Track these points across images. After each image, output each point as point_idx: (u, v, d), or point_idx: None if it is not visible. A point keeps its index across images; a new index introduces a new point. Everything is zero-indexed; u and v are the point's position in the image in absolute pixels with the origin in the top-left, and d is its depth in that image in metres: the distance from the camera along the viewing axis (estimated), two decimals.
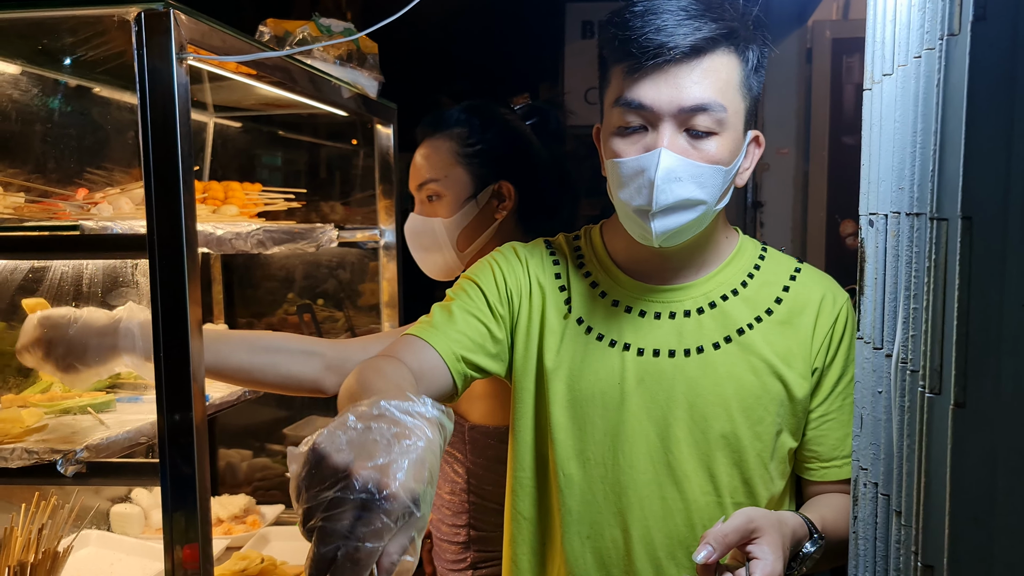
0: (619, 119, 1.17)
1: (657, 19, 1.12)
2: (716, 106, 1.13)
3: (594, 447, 1.25)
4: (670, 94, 1.13)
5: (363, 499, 0.73)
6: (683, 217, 1.16)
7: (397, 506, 0.73)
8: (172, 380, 1.20)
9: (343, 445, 0.76)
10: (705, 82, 1.13)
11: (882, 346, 0.98)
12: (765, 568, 1.01)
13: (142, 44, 1.16)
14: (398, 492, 0.73)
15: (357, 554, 0.72)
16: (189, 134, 1.19)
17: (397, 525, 0.74)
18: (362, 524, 0.73)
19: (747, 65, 1.17)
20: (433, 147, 1.69)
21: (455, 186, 1.66)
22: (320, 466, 0.75)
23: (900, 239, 0.91)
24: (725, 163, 1.16)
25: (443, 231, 1.66)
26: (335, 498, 0.73)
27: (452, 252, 1.68)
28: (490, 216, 1.68)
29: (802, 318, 1.26)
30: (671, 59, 1.12)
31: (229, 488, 2.60)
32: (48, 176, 1.74)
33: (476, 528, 1.69)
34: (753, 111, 1.21)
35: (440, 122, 1.70)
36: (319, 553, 0.73)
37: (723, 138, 1.15)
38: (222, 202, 1.90)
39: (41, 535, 1.40)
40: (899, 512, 0.90)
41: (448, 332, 1.24)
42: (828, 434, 1.27)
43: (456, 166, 1.66)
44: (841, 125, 3.63)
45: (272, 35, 1.85)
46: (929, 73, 0.82)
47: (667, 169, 1.12)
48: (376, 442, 0.76)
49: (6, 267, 1.53)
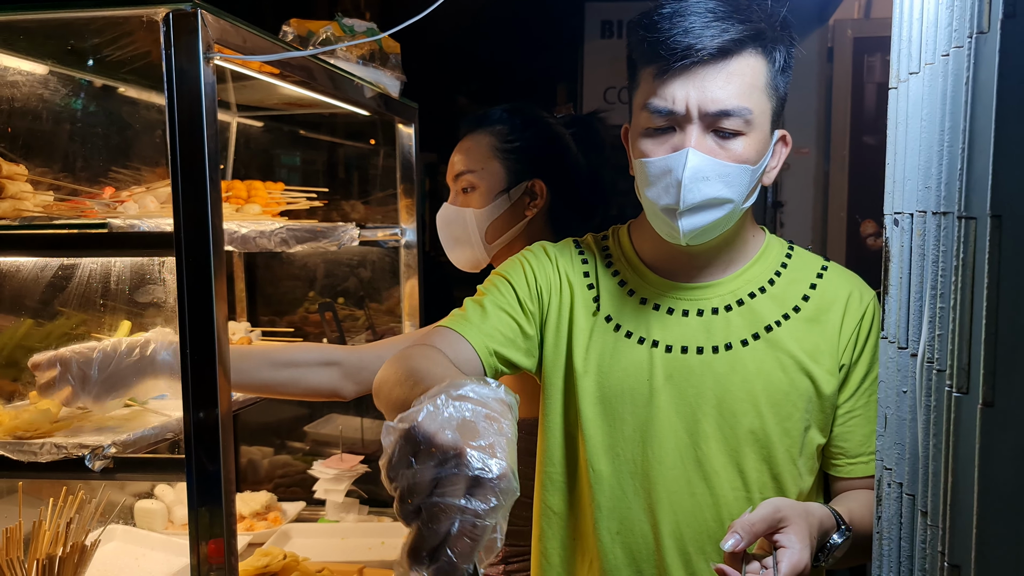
0: (648, 120, 1.18)
1: (685, 21, 1.13)
2: (742, 110, 1.14)
3: (623, 443, 1.26)
4: (697, 97, 1.14)
5: (478, 476, 0.73)
6: (710, 215, 1.17)
7: (506, 484, 0.75)
8: (198, 377, 1.21)
9: (446, 424, 0.76)
10: (732, 84, 1.14)
11: (907, 345, 0.98)
12: (792, 557, 1.02)
13: (170, 44, 1.17)
14: (507, 471, 0.75)
15: (475, 529, 0.73)
16: (216, 133, 1.20)
17: (504, 503, 0.75)
18: (479, 500, 0.74)
19: (774, 66, 1.18)
20: (473, 140, 1.74)
21: (490, 178, 1.70)
22: (428, 443, 0.75)
23: (926, 238, 0.91)
24: (752, 162, 1.17)
25: (473, 221, 1.70)
26: (448, 475, 0.74)
27: (480, 243, 1.72)
28: (521, 212, 1.71)
29: (829, 315, 1.26)
30: (698, 60, 1.13)
31: (251, 485, 2.62)
32: (76, 175, 1.76)
33: (510, 523, 1.70)
34: (779, 111, 1.22)
35: (483, 118, 1.75)
36: (432, 528, 0.74)
37: (750, 138, 1.16)
38: (245, 201, 1.91)
39: (69, 529, 1.42)
40: (925, 512, 0.90)
41: (481, 326, 1.25)
42: (855, 430, 1.27)
43: (493, 159, 1.71)
44: (862, 124, 3.61)
45: (295, 35, 1.87)
46: (958, 71, 0.82)
47: (694, 168, 1.13)
48: (475, 423, 0.77)
49: (36, 264, 1.55)
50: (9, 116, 1.61)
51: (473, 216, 1.70)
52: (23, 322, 1.64)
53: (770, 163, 1.23)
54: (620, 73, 4.13)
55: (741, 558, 1.03)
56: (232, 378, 1.30)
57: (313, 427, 2.82)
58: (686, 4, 1.14)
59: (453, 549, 0.74)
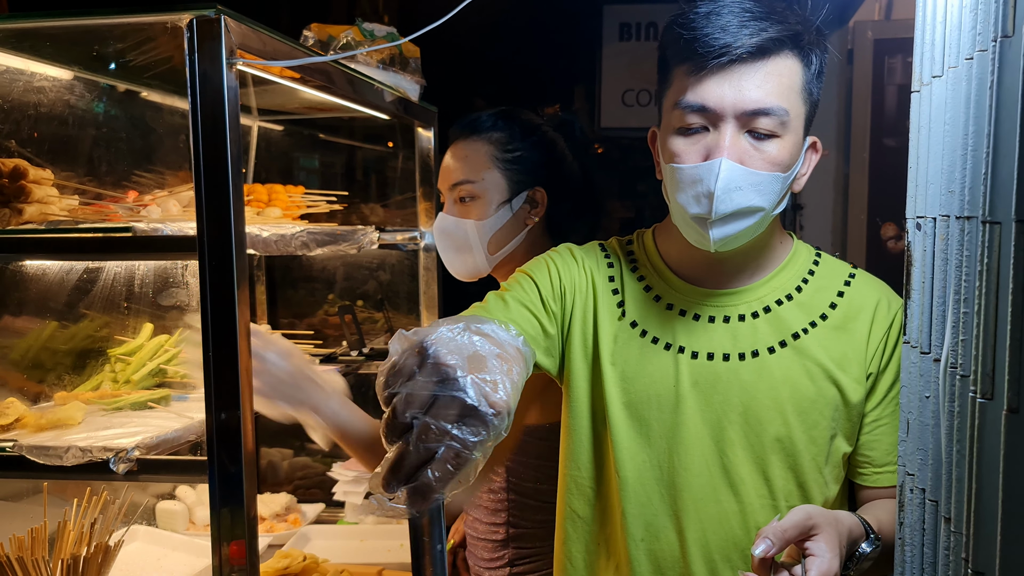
0: (680, 120, 1.16)
1: (721, 19, 1.11)
2: (779, 109, 1.13)
3: (649, 449, 1.25)
4: (733, 95, 1.12)
5: (473, 407, 0.74)
6: (741, 224, 1.16)
7: (499, 421, 0.75)
8: (220, 379, 1.22)
9: (457, 350, 0.77)
10: (768, 84, 1.12)
11: (930, 351, 0.97)
12: (822, 566, 1.00)
13: (193, 49, 1.18)
14: (504, 409, 0.75)
15: (458, 458, 0.74)
16: (238, 137, 1.21)
17: (492, 439, 0.76)
18: (469, 431, 0.74)
19: (810, 69, 1.17)
20: (471, 149, 1.70)
21: (491, 189, 1.68)
22: (435, 361, 0.76)
23: (949, 243, 0.90)
24: (784, 168, 1.15)
25: (476, 233, 1.68)
26: (446, 398, 0.74)
27: (483, 254, 1.69)
28: (522, 221, 1.70)
29: (857, 323, 1.25)
30: (735, 59, 1.11)
31: (271, 487, 2.63)
32: (100, 179, 1.78)
33: (515, 525, 1.70)
34: (812, 117, 1.20)
35: (477, 125, 1.72)
36: (418, 448, 0.74)
37: (784, 141, 1.15)
38: (266, 204, 1.93)
39: (93, 529, 1.43)
40: (948, 518, 0.89)
41: (503, 319, 1.23)
42: (882, 439, 1.26)
43: (493, 169, 1.68)
44: (882, 127, 3.58)
45: (316, 40, 1.88)
46: (982, 75, 0.81)
47: (727, 179, 1.11)
48: (484, 357, 0.78)
49: (62, 268, 1.57)
50: (36, 121, 1.63)
51: (475, 228, 1.67)
52: (48, 324, 1.66)
53: (800, 170, 1.22)
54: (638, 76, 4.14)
55: (770, 566, 1.02)
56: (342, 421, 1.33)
57: None
58: (723, 4, 1.13)
59: (434, 472, 0.74)
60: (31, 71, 1.61)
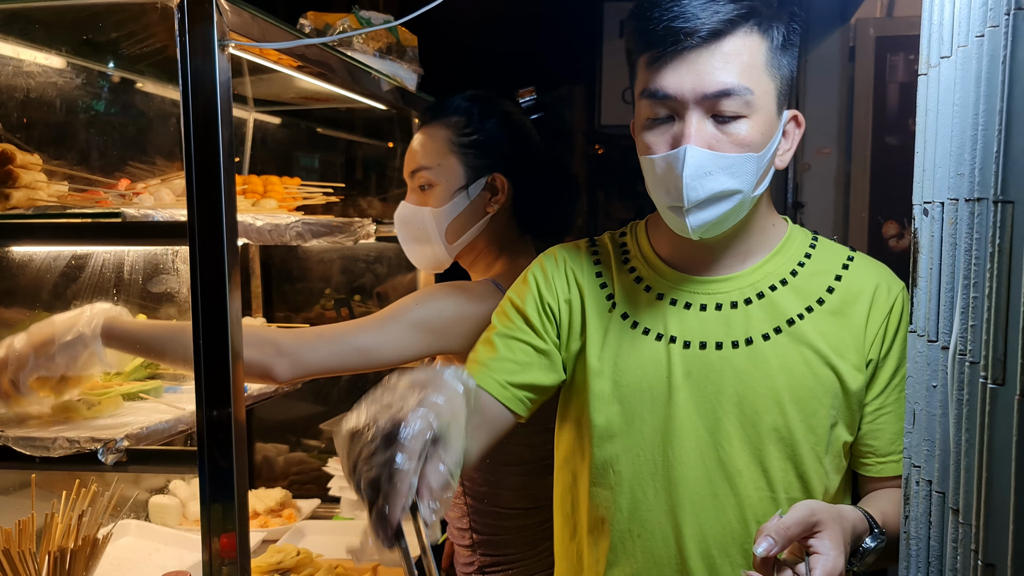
0: (647, 111, 1.16)
1: (676, 6, 1.11)
2: (741, 89, 1.11)
3: (643, 443, 1.22)
4: (692, 80, 1.11)
5: (387, 432, 0.89)
6: (719, 208, 1.14)
7: (412, 428, 0.89)
8: (212, 367, 1.19)
9: (369, 414, 0.92)
10: (728, 65, 1.11)
11: (937, 338, 0.95)
12: (827, 564, 0.98)
13: (184, 31, 1.16)
14: (411, 418, 0.89)
15: (394, 475, 0.87)
16: (231, 121, 1.18)
17: (422, 446, 0.89)
18: (394, 451, 0.88)
19: (772, 44, 1.14)
20: (429, 134, 1.65)
21: (447, 175, 1.62)
22: (355, 434, 0.92)
23: (958, 226, 0.88)
24: (756, 148, 1.13)
25: (432, 221, 1.62)
26: (369, 448, 0.90)
27: (441, 243, 1.63)
28: (482, 209, 1.63)
29: (855, 308, 1.22)
30: (691, 45, 1.11)
31: (266, 482, 2.62)
32: (91, 167, 1.76)
33: (478, 532, 1.68)
34: (786, 91, 1.18)
35: (439, 110, 1.66)
36: (371, 490, 0.89)
37: (753, 121, 1.13)
38: (261, 196, 1.90)
39: (81, 522, 1.41)
40: (956, 510, 0.87)
41: (492, 366, 1.26)
42: (885, 428, 1.23)
43: (450, 155, 1.62)
44: (884, 124, 3.55)
45: (312, 28, 1.85)
46: (993, 51, 0.79)
47: (694, 166, 1.10)
48: (391, 402, 0.93)
49: (48, 255, 1.54)
50: (24, 106, 1.61)
51: (431, 215, 1.61)
52: (37, 315, 1.64)
53: (782, 146, 1.20)
54: None
55: (772, 564, 1.00)
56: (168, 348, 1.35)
57: (328, 424, 2.80)
58: None
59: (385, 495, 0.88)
60: (19, 55, 1.58)
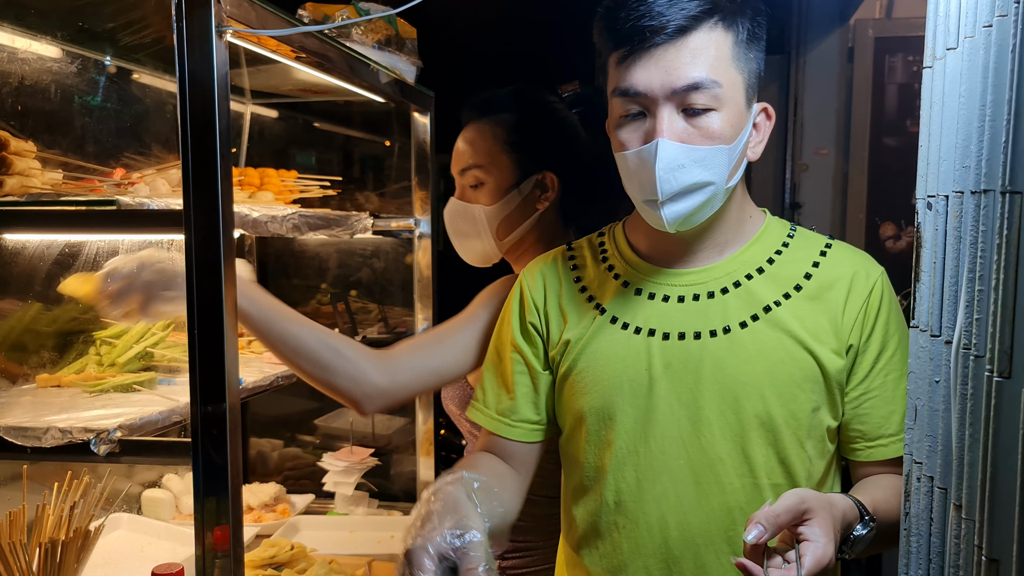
0: (619, 108, 1.18)
1: (642, 5, 1.13)
2: (709, 82, 1.13)
3: (625, 436, 1.23)
4: (660, 76, 1.13)
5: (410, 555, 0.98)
6: (692, 201, 1.16)
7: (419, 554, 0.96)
8: (206, 358, 1.18)
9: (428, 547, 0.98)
10: (695, 60, 1.13)
11: (940, 333, 0.94)
12: (816, 551, 0.97)
13: (182, 17, 1.14)
14: (415, 547, 0.97)
15: None
16: (227, 109, 1.17)
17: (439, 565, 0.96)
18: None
19: (738, 38, 1.16)
20: (479, 132, 1.65)
21: (499, 174, 1.63)
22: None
23: (963, 219, 0.87)
24: (727, 140, 1.15)
25: (483, 219, 1.64)
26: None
27: (491, 240, 1.65)
28: (532, 206, 1.65)
29: (832, 293, 1.23)
30: (658, 42, 1.13)
31: (260, 477, 2.60)
32: (86, 155, 1.74)
33: None
34: (755, 84, 1.20)
35: (488, 106, 1.66)
36: None
37: (723, 113, 1.14)
38: (258, 188, 1.89)
39: (72, 514, 1.39)
40: (959, 505, 0.86)
41: (504, 411, 1.33)
42: (872, 412, 1.23)
43: (501, 154, 1.63)
44: (882, 125, 3.55)
45: (311, 19, 1.84)
46: (1002, 40, 0.78)
47: (666, 159, 1.13)
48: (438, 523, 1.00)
49: (41, 244, 1.53)
50: (19, 94, 1.59)
51: (483, 213, 1.63)
52: (31, 305, 1.62)
53: (754, 138, 1.22)
54: None
55: (762, 552, 0.99)
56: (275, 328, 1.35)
57: (323, 420, 2.80)
58: None
59: None
60: (14, 42, 1.56)
